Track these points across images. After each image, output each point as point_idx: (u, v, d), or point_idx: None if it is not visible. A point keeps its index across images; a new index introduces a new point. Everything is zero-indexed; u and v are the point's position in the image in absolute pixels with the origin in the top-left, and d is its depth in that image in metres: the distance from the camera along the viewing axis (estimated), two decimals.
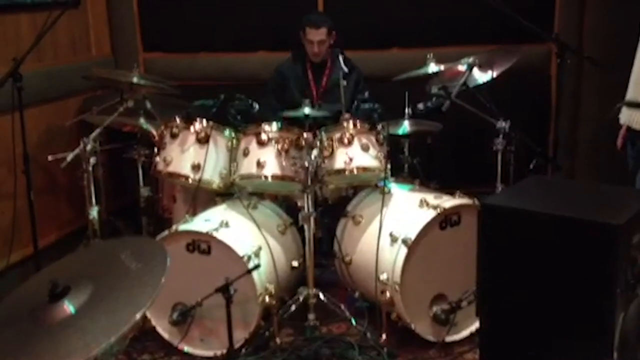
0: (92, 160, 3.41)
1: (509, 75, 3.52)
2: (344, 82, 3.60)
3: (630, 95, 2.99)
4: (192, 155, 3.30)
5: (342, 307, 3.27)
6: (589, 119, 4.47)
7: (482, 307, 2.03)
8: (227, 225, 3.09)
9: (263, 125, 3.24)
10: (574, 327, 1.85)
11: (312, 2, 4.43)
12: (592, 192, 2.11)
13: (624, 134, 3.10)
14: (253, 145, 3.23)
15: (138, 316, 1.51)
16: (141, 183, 3.83)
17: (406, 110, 3.68)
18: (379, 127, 3.24)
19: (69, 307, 1.62)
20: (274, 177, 3.19)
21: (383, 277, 3.10)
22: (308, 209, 3.16)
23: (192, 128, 3.32)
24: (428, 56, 3.55)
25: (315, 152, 3.16)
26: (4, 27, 3.67)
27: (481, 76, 3.51)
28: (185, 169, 3.29)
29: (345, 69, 3.89)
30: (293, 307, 3.22)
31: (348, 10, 4.41)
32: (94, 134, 3.42)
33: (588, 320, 1.83)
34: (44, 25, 3.29)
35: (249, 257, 2.99)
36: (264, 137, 3.20)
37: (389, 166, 3.26)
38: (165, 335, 3.15)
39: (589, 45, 4.35)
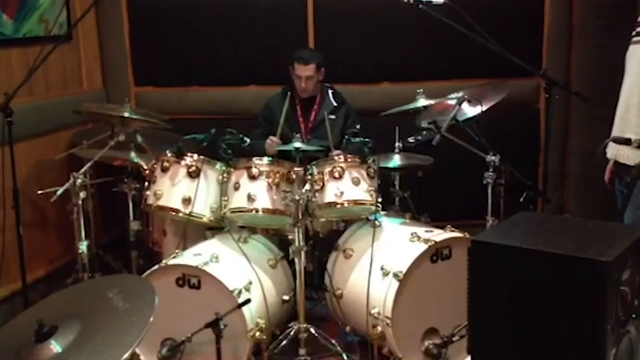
0: (82, 194, 3.41)
1: (498, 109, 3.55)
2: (332, 117, 3.62)
3: (616, 130, 3.02)
4: (183, 189, 3.30)
5: (334, 341, 3.25)
6: (577, 153, 4.51)
7: (473, 343, 2.01)
8: (217, 259, 3.08)
9: (254, 159, 3.26)
10: None
11: (303, 37, 4.47)
12: (581, 228, 2.11)
13: (612, 168, 3.12)
14: (244, 179, 3.24)
15: (125, 357, 1.50)
16: (131, 217, 3.81)
17: (397, 144, 3.70)
18: (370, 160, 3.26)
19: (55, 347, 1.61)
20: (264, 210, 3.19)
21: (374, 311, 3.08)
22: (299, 243, 3.15)
23: (183, 162, 3.32)
24: (418, 91, 3.58)
25: (306, 186, 3.17)
26: None
27: (471, 110, 3.53)
28: (176, 203, 3.29)
29: (334, 103, 3.92)
30: (284, 342, 3.20)
31: (339, 45, 4.45)
32: (84, 168, 3.42)
33: (579, 356, 1.81)
34: (36, 59, 3.30)
35: (240, 292, 2.97)
36: (254, 171, 3.21)
37: (379, 200, 3.26)
38: None
39: (576, 80, 4.41)
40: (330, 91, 4.04)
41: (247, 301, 2.93)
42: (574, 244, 1.87)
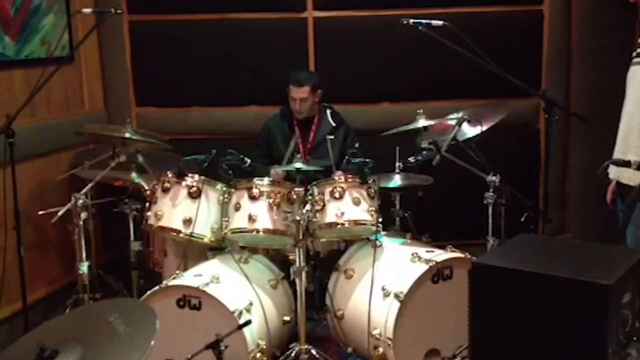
0: (83, 214, 3.40)
1: (498, 129, 3.57)
2: (331, 137, 3.64)
3: (617, 152, 3.03)
4: (184, 209, 3.30)
5: None
6: (578, 172, 4.52)
7: None
8: (218, 280, 3.07)
9: (254, 179, 3.26)
10: None
11: (303, 58, 4.50)
12: (582, 250, 2.11)
13: (614, 189, 3.13)
14: (245, 200, 3.24)
15: None
16: (132, 237, 3.81)
17: (397, 164, 3.71)
18: (370, 181, 3.26)
19: None
20: (265, 231, 3.20)
21: (375, 332, 3.08)
22: (300, 263, 3.15)
23: (184, 182, 3.33)
24: (418, 111, 3.59)
25: (307, 206, 3.17)
26: None
27: (471, 130, 3.54)
28: (177, 224, 3.29)
29: (333, 124, 3.93)
30: None
31: (339, 66, 4.48)
32: (85, 189, 3.42)
33: None
34: (38, 81, 3.32)
35: (240, 313, 2.97)
36: (255, 191, 3.22)
37: (380, 220, 3.26)
38: None
39: (575, 101, 4.43)
40: (328, 111, 4.05)
41: (248, 322, 2.91)
42: (575, 266, 1.88)
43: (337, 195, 3.22)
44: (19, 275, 3.41)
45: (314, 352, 3.20)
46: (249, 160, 3.50)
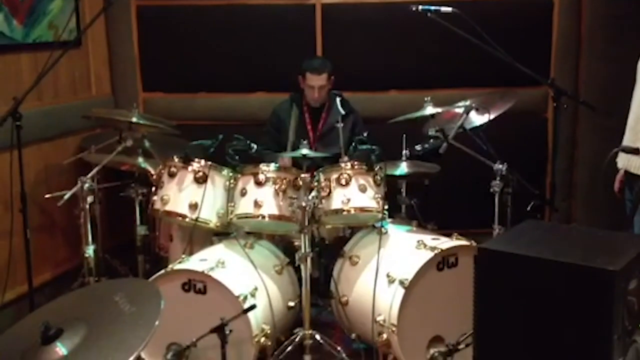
0: (90, 198, 3.42)
1: (505, 117, 3.55)
2: (341, 124, 3.63)
3: (626, 141, 3.02)
4: (190, 194, 3.31)
5: (339, 348, 3.24)
6: (585, 162, 4.49)
7: (479, 352, 2.00)
8: (223, 264, 3.08)
9: (261, 165, 3.26)
10: None
11: (311, 45, 4.48)
12: (589, 237, 2.10)
13: (621, 178, 3.11)
14: (251, 185, 3.24)
15: None
16: (138, 222, 3.82)
17: (404, 152, 3.69)
18: (377, 168, 3.26)
19: (61, 349, 1.61)
20: (271, 217, 3.20)
21: (380, 318, 3.07)
22: (305, 249, 3.15)
23: (190, 167, 3.33)
24: (426, 99, 3.57)
25: (312, 193, 3.17)
26: (5, 66, 3.70)
27: (478, 119, 3.53)
28: (183, 208, 3.30)
29: (342, 111, 3.92)
30: (289, 348, 3.18)
31: (347, 53, 4.46)
32: (91, 173, 3.43)
33: None
34: (45, 64, 3.32)
35: (245, 297, 2.97)
36: (261, 177, 3.22)
37: (386, 207, 3.26)
38: None
39: (584, 90, 4.40)
40: (338, 99, 4.04)
41: (253, 307, 2.92)
42: (581, 253, 1.87)
43: (343, 182, 3.22)
44: (25, 259, 3.42)
45: (318, 337, 3.20)
46: (255, 146, 3.50)
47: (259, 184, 3.22)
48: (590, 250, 1.89)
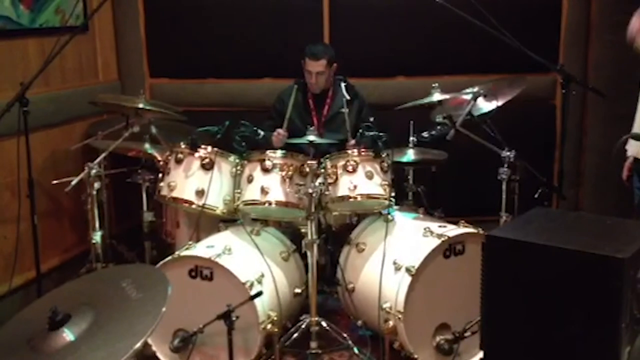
0: (97, 184, 3.43)
1: (513, 104, 3.53)
2: (346, 110, 3.61)
3: (636, 127, 2.99)
4: (197, 180, 3.31)
5: (345, 335, 3.24)
6: (594, 149, 4.47)
7: (486, 338, 2.00)
8: (230, 251, 3.08)
9: (267, 152, 3.25)
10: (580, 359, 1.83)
11: (318, 31, 4.46)
12: (597, 224, 2.09)
13: (630, 165, 3.09)
14: (257, 172, 3.24)
15: (137, 346, 1.50)
16: (145, 208, 3.83)
17: (411, 139, 3.68)
18: (384, 154, 3.24)
19: (68, 335, 1.61)
20: (277, 203, 3.20)
21: (386, 305, 3.08)
22: (311, 236, 3.15)
23: (196, 154, 3.33)
24: (433, 85, 3.56)
25: (319, 179, 3.16)
26: (12, 51, 3.70)
27: (486, 105, 3.52)
28: (189, 195, 3.30)
29: (347, 97, 3.90)
30: (295, 335, 3.19)
31: (354, 39, 4.44)
32: (98, 159, 3.43)
33: (593, 354, 1.80)
34: (52, 50, 3.31)
35: (252, 284, 2.98)
36: (268, 163, 3.21)
37: (393, 194, 3.25)
38: None
39: (593, 77, 4.37)
40: (343, 84, 4.01)
41: (259, 293, 2.93)
42: (590, 240, 1.86)
43: (350, 168, 3.21)
44: (33, 244, 3.43)
45: (324, 324, 3.21)
46: (262, 132, 3.49)
47: (265, 170, 3.22)
48: (598, 237, 1.88)
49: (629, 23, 2.82)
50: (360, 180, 3.20)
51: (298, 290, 3.29)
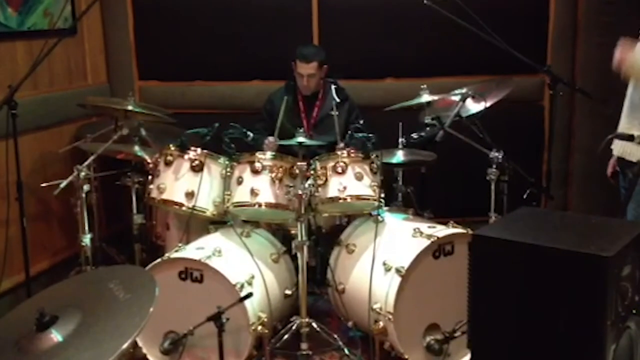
0: (86, 187, 3.42)
1: (502, 105, 3.55)
2: (336, 112, 3.62)
3: (622, 128, 3.02)
4: (186, 183, 3.30)
5: (335, 336, 3.25)
6: (581, 150, 4.50)
7: (473, 338, 2.02)
8: (220, 253, 3.08)
9: (257, 153, 3.26)
10: (565, 358, 1.84)
11: (307, 33, 4.47)
12: (583, 223, 2.11)
13: (614, 163, 3.12)
14: (247, 174, 3.24)
15: (124, 347, 1.50)
16: (134, 210, 3.82)
17: (400, 140, 3.69)
18: (373, 156, 3.25)
19: (56, 336, 1.61)
20: (267, 205, 3.20)
21: (376, 306, 3.08)
22: (301, 238, 3.15)
23: (186, 156, 3.33)
24: (422, 86, 3.57)
25: (309, 181, 3.17)
26: (0, 54, 3.69)
27: (474, 106, 3.53)
28: (179, 197, 3.30)
29: (337, 99, 3.91)
30: (286, 336, 3.20)
31: (343, 41, 4.45)
32: (87, 161, 3.42)
33: (579, 352, 1.82)
34: (40, 52, 3.30)
35: (242, 286, 2.98)
36: (258, 165, 3.22)
37: (382, 195, 3.26)
38: None
39: (580, 78, 4.40)
40: (333, 87, 4.03)
41: (249, 295, 2.93)
42: (575, 239, 1.87)
43: (339, 170, 3.21)
44: (22, 247, 3.43)
45: (314, 325, 3.21)
46: (251, 134, 3.50)
47: (255, 172, 3.22)
48: (584, 236, 1.90)
49: (614, 54, 2.86)
50: (349, 181, 3.20)
51: (288, 292, 3.30)
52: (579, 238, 1.88)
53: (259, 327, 3.00)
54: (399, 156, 3.70)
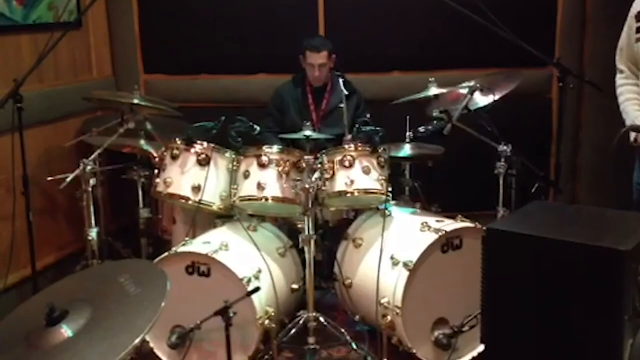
0: (92, 181, 3.40)
1: (510, 98, 3.52)
2: (342, 105, 3.60)
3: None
4: (193, 176, 3.29)
5: (343, 330, 3.24)
6: (590, 143, 4.47)
7: (487, 332, 1.99)
8: (227, 247, 3.06)
9: (264, 147, 3.24)
10: (581, 354, 1.82)
11: (313, 26, 4.44)
12: (598, 217, 2.08)
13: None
14: (254, 167, 3.22)
15: (136, 342, 1.48)
16: (140, 204, 3.81)
17: (407, 134, 3.67)
18: (380, 149, 3.23)
19: (66, 331, 1.59)
20: (274, 199, 3.18)
21: (384, 300, 3.07)
22: (308, 232, 3.13)
23: (192, 150, 3.31)
24: (430, 79, 3.54)
25: (316, 175, 3.15)
26: (5, 47, 3.67)
27: (482, 100, 3.50)
28: (185, 191, 3.28)
29: (345, 92, 3.89)
30: (293, 331, 3.18)
31: (349, 34, 4.42)
32: (93, 155, 3.41)
33: (595, 347, 1.80)
34: (45, 46, 3.29)
35: (249, 280, 2.96)
36: (264, 159, 3.20)
37: (389, 189, 3.24)
38: (164, 358, 3.12)
39: (589, 71, 4.36)
40: (340, 79, 4.01)
41: (257, 289, 2.92)
42: (591, 233, 1.85)
43: (346, 163, 3.19)
44: (28, 242, 3.42)
45: (322, 319, 3.20)
46: (258, 128, 3.47)
47: (262, 165, 3.20)
48: (599, 230, 1.87)
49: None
50: (357, 175, 3.18)
51: (295, 286, 3.28)
52: (595, 232, 1.85)
53: (266, 322, 2.99)
54: (407, 150, 3.68)
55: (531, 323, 1.90)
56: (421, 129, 3.62)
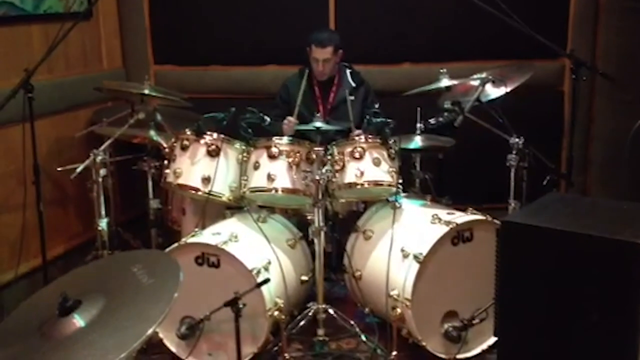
0: (102, 171, 3.41)
1: (522, 91, 3.50)
2: (351, 97, 3.58)
3: None
4: (203, 167, 3.28)
5: (352, 322, 3.23)
6: (601, 137, 4.44)
7: (500, 325, 1.98)
8: (236, 238, 3.06)
9: (274, 138, 3.23)
10: (596, 348, 1.81)
11: (324, 17, 4.42)
12: (613, 209, 2.07)
13: None
14: (264, 159, 3.22)
15: (149, 332, 1.48)
16: (151, 195, 3.80)
17: (418, 125, 3.65)
18: (391, 141, 3.22)
19: (79, 321, 1.59)
20: (284, 190, 3.17)
21: (394, 293, 3.06)
22: (318, 223, 3.13)
23: (202, 141, 3.30)
24: (441, 71, 3.52)
25: (326, 166, 3.14)
26: (15, 38, 3.67)
27: (494, 91, 3.49)
28: (195, 182, 3.27)
29: (353, 84, 3.88)
30: (302, 322, 3.18)
31: (360, 26, 4.40)
32: (104, 146, 3.41)
33: (610, 341, 1.78)
34: (56, 36, 3.28)
35: (259, 271, 2.96)
36: (274, 150, 3.19)
37: (400, 181, 3.23)
38: (173, 349, 3.12)
39: (602, 63, 4.32)
40: (348, 71, 3.99)
41: (266, 281, 2.91)
42: (607, 225, 1.84)
43: (357, 155, 3.18)
44: (39, 231, 3.42)
45: (331, 311, 3.20)
46: (268, 119, 3.46)
47: (272, 157, 3.20)
48: (616, 223, 1.86)
49: None
50: (367, 167, 3.17)
51: (305, 278, 3.28)
52: (612, 224, 1.84)
53: (276, 313, 2.99)
54: (417, 142, 3.66)
55: (545, 316, 1.88)
56: (432, 120, 3.61)
